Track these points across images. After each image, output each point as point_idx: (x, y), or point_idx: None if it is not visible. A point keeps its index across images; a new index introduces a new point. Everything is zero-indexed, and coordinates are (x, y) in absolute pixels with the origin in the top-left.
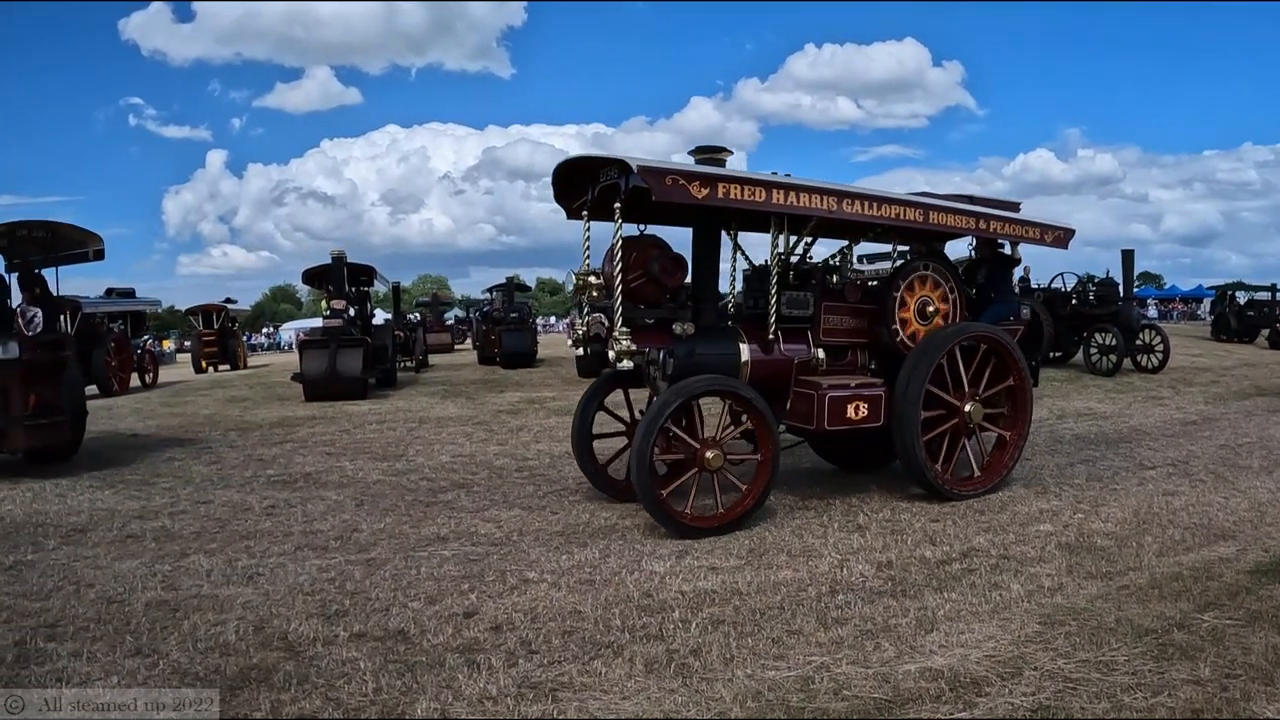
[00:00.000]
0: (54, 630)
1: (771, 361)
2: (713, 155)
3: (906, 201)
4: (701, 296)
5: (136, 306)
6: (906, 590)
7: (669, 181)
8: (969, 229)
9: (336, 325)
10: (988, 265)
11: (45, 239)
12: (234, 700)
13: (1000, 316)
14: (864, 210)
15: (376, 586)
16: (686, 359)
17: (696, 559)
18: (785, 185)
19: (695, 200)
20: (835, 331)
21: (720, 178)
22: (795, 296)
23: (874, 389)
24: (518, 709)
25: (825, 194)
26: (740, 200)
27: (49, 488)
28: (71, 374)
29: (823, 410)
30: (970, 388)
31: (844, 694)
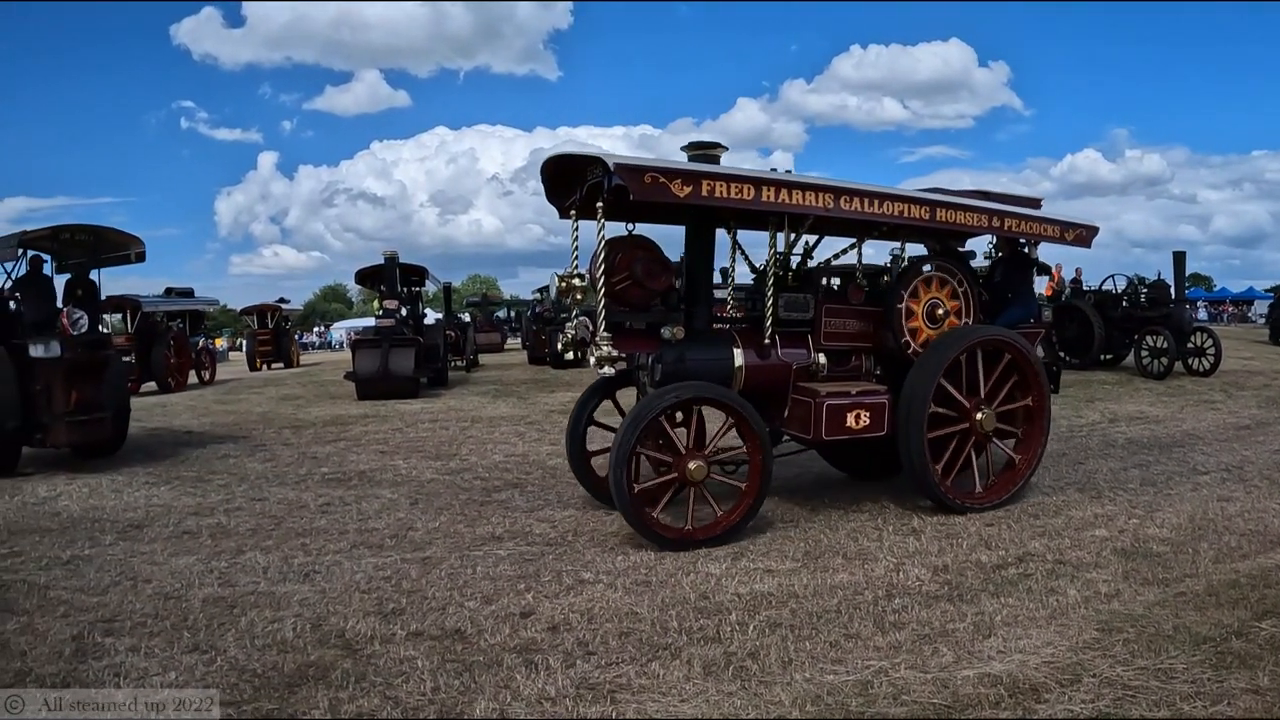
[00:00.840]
0: (111, 625)
1: (768, 367)
2: (706, 151)
3: (911, 198)
4: (694, 299)
5: (195, 306)
6: (963, 595)
7: (648, 179)
8: (980, 227)
9: (389, 325)
10: (1005, 265)
11: (88, 241)
12: (292, 697)
13: (1017, 319)
14: (864, 208)
15: (433, 585)
16: (675, 365)
17: (752, 561)
18: (776, 182)
19: (677, 199)
20: (838, 335)
21: (704, 174)
22: (794, 298)
23: (876, 396)
24: (576, 709)
25: (821, 191)
26: (727, 198)
27: (105, 483)
28: (114, 372)
29: (820, 419)
30: (985, 396)
31: (903, 699)
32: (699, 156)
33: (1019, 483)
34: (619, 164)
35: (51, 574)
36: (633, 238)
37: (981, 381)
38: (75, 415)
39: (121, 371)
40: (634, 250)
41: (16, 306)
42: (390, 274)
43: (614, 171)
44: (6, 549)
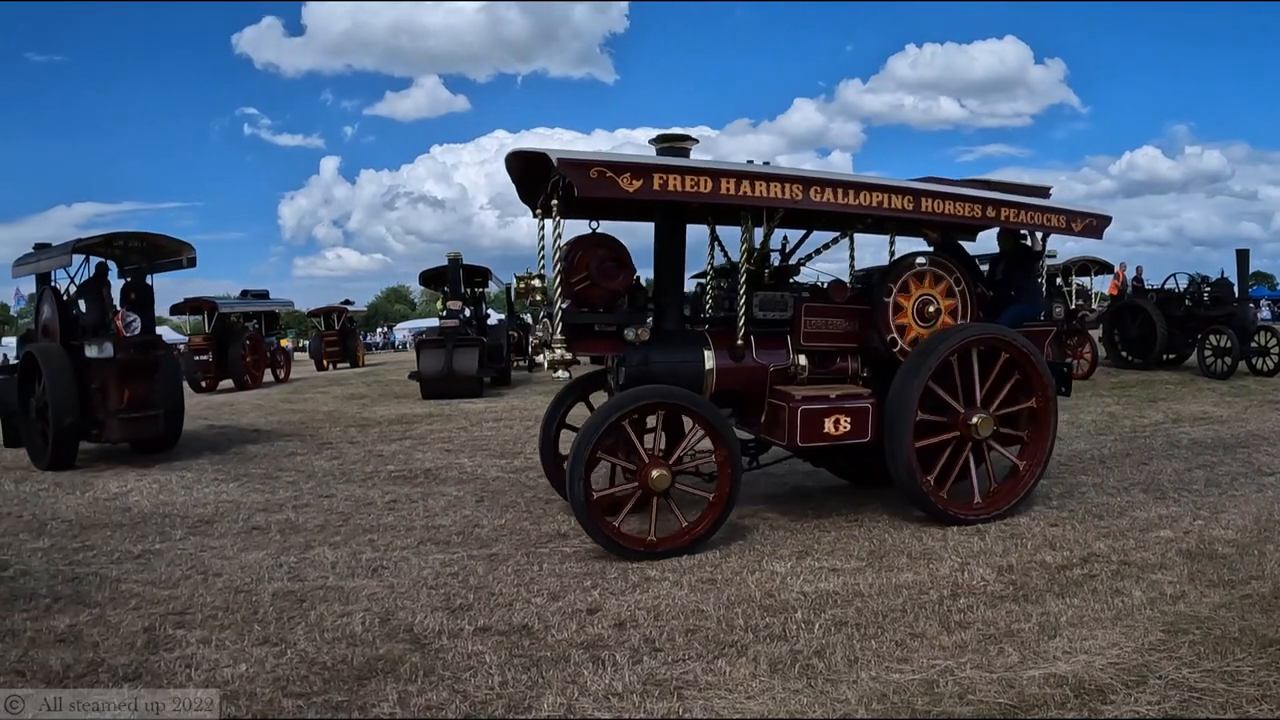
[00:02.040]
0: (183, 618)
1: (742, 370)
2: (674, 144)
3: (892, 187)
4: (664, 299)
5: (269, 307)
6: (1028, 595)
7: (594, 174)
8: (973, 217)
9: (453, 325)
10: (1007, 259)
11: (141, 248)
12: (361, 690)
13: (1021, 316)
14: (837, 199)
15: (499, 581)
16: (640, 367)
17: (817, 560)
18: (736, 173)
19: (627, 194)
20: (819, 336)
21: (656, 167)
22: (771, 297)
23: (858, 400)
24: (643, 706)
25: (789, 182)
26: (681, 192)
27: (175, 480)
28: (166, 372)
29: (794, 424)
30: (982, 399)
31: (969, 698)
32: (666, 150)
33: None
34: (563, 159)
35: (123, 568)
36: (595, 236)
37: (977, 383)
38: (128, 412)
39: (175, 371)
40: (594, 249)
41: (77, 309)
42: (454, 275)
43: (558, 167)
44: (79, 543)
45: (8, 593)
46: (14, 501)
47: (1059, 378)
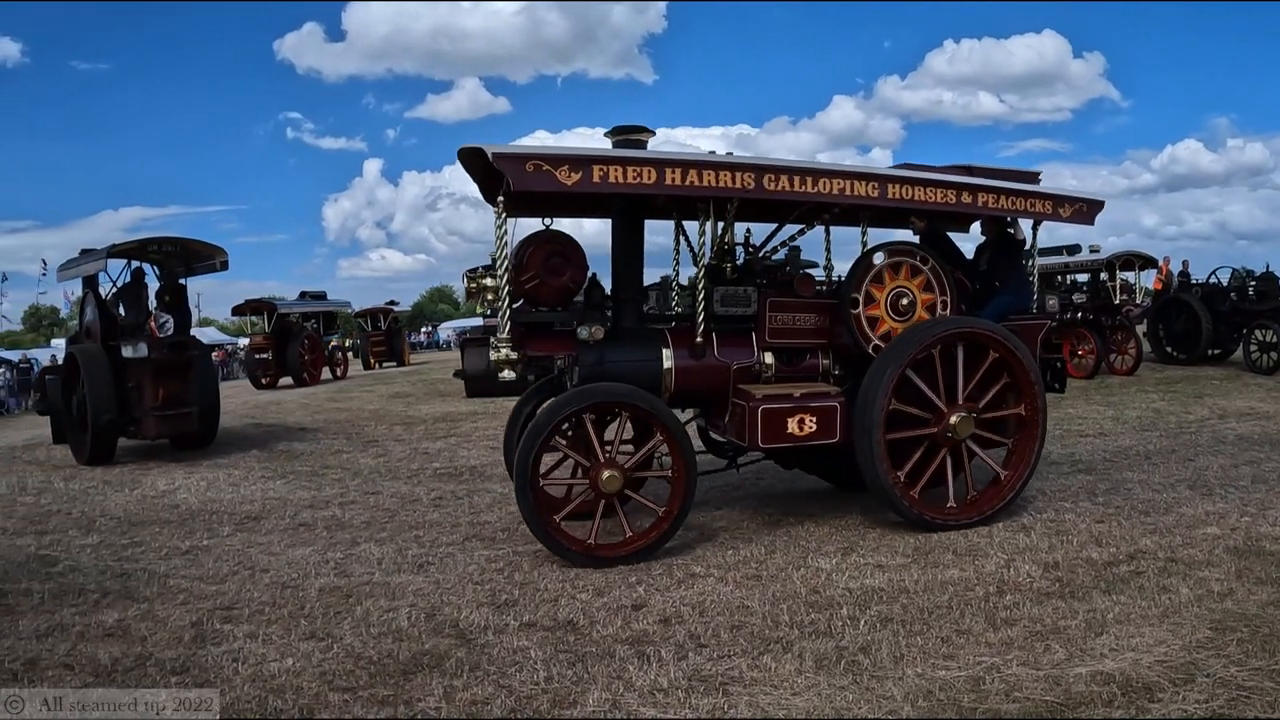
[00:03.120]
0: (230, 612)
1: (703, 368)
2: (630, 136)
3: (855, 174)
4: (622, 297)
5: (327, 308)
6: (1074, 592)
7: (530, 168)
8: (946, 203)
9: None
10: (992, 248)
11: (174, 252)
12: (407, 684)
13: (1007, 309)
14: (794, 187)
15: (544, 578)
16: (594, 367)
17: (862, 556)
18: (682, 163)
19: (565, 187)
20: (785, 332)
21: (595, 159)
22: (733, 292)
23: (825, 399)
24: (689, 701)
25: (739, 170)
26: (623, 184)
27: (222, 478)
28: (200, 371)
29: (755, 424)
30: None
31: (1015, 695)
32: (622, 142)
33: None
34: (498, 153)
35: (171, 563)
36: (544, 233)
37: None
38: (163, 409)
39: (209, 370)
40: (541, 246)
41: (117, 311)
42: None
43: (493, 161)
44: (128, 539)
45: (57, 588)
46: (63, 499)
47: (1052, 374)
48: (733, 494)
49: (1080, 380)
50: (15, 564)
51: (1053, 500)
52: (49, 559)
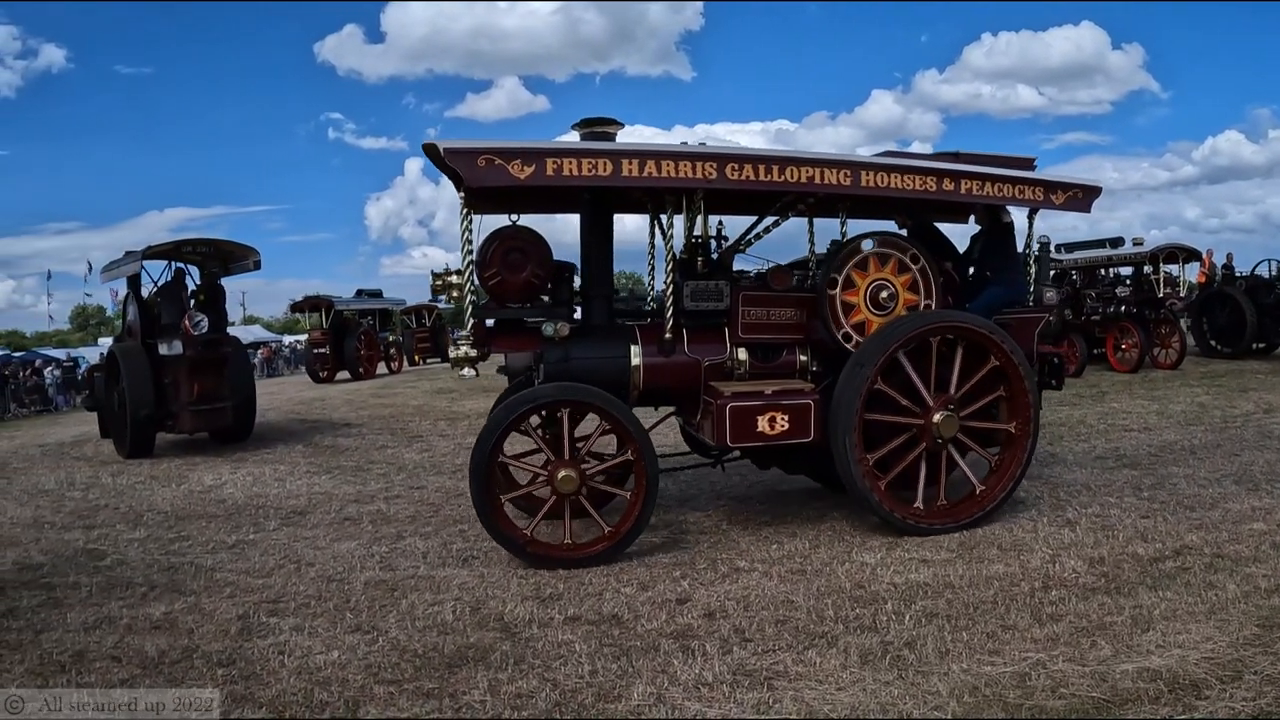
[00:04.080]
0: (276, 605)
1: (672, 366)
2: (596, 129)
3: (825, 161)
4: (590, 292)
5: (383, 305)
6: (1120, 588)
7: (483, 162)
8: (925, 191)
9: None
10: (985, 238)
11: (209, 253)
12: (452, 677)
13: (997, 301)
14: (758, 176)
15: (589, 571)
16: (559, 365)
17: (907, 551)
18: (640, 154)
19: (518, 181)
20: (759, 328)
21: (549, 152)
22: (703, 287)
23: (797, 397)
24: (734, 696)
25: (700, 160)
26: (578, 176)
27: (268, 473)
28: (234, 368)
29: (723, 422)
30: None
31: (1061, 691)
32: (590, 135)
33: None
34: (449, 148)
35: (218, 557)
36: (506, 229)
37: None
38: (198, 404)
39: (245, 367)
40: (501, 241)
41: (158, 311)
42: None
43: (445, 157)
44: (175, 534)
45: (105, 581)
46: (111, 493)
47: (1051, 370)
48: (776, 488)
49: (1124, 374)
50: (64, 558)
51: (1098, 495)
52: (97, 553)
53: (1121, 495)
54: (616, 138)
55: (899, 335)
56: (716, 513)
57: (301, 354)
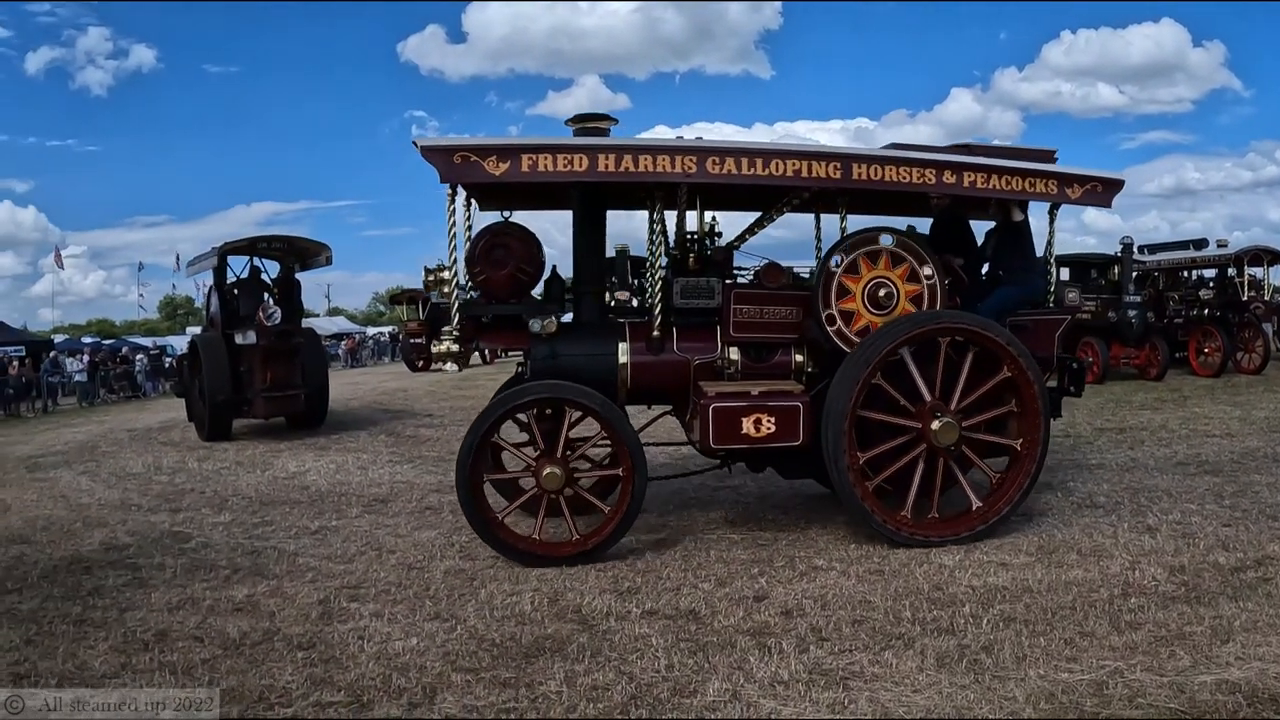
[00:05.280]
0: (356, 591)
1: (661, 364)
2: (588, 124)
3: (812, 153)
4: (582, 289)
5: None
6: (1200, 597)
7: (458, 159)
8: (923, 184)
9: None
10: (998, 235)
11: (282, 249)
12: (529, 667)
13: (1009, 302)
14: (740, 170)
15: (667, 566)
16: (546, 361)
17: (986, 554)
18: (616, 149)
19: (493, 178)
20: (751, 326)
21: (524, 148)
22: (693, 284)
23: (785, 399)
24: (809, 695)
25: (680, 154)
26: (554, 172)
27: (351, 461)
28: (308, 357)
29: (705, 423)
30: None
31: (1138, 701)
32: (581, 130)
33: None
34: (425, 145)
35: (300, 542)
36: (494, 225)
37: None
38: (271, 391)
39: (318, 356)
40: (488, 239)
41: (235, 302)
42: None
43: (422, 154)
44: (259, 518)
45: (189, 563)
46: (197, 478)
47: (1070, 376)
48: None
49: (1206, 379)
50: (150, 539)
51: (1179, 501)
52: (182, 535)
53: (1203, 502)
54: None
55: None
56: (794, 510)
57: (384, 345)
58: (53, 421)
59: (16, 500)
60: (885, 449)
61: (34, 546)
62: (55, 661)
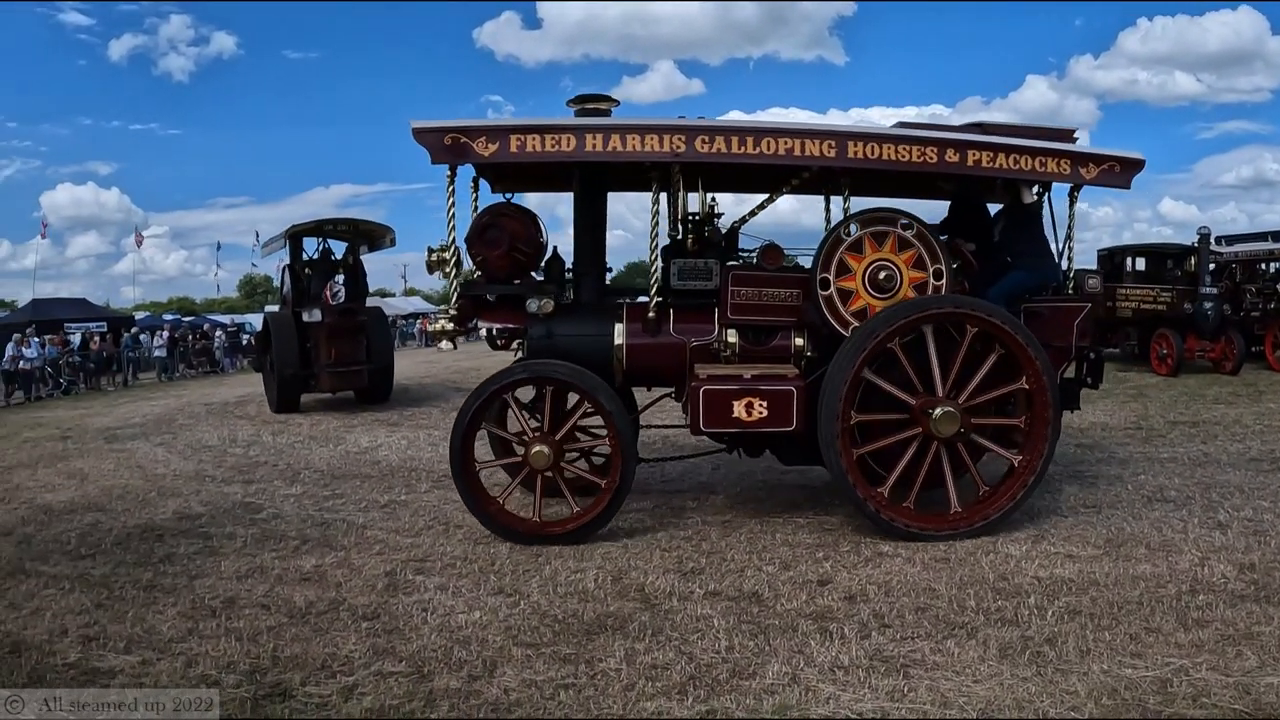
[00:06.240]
0: (422, 564)
1: (655, 346)
2: (589, 105)
3: (805, 131)
4: (581, 270)
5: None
6: (1270, 596)
7: (448, 141)
8: (925, 163)
9: None
10: (1007, 217)
11: (348, 231)
12: (590, 644)
13: (1019, 288)
14: (730, 149)
15: (732, 548)
16: (543, 341)
17: (1053, 545)
18: (604, 129)
19: (483, 159)
20: (749, 309)
21: (512, 129)
22: (691, 265)
23: (779, 382)
24: (869, 681)
25: (668, 133)
26: (542, 152)
27: (422, 437)
28: (371, 334)
29: (696, 406)
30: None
31: (1202, 701)
32: (582, 111)
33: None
34: (417, 127)
35: (369, 515)
36: (491, 207)
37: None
38: (335, 366)
39: (383, 334)
40: (486, 219)
41: (306, 282)
42: None
43: (414, 136)
44: (329, 491)
45: (260, 533)
46: (271, 451)
47: (1087, 368)
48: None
49: None
50: (222, 510)
51: (1251, 498)
52: (254, 506)
53: (1276, 500)
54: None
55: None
56: None
57: None
58: (132, 395)
59: (94, 469)
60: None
61: (109, 514)
62: (124, 625)
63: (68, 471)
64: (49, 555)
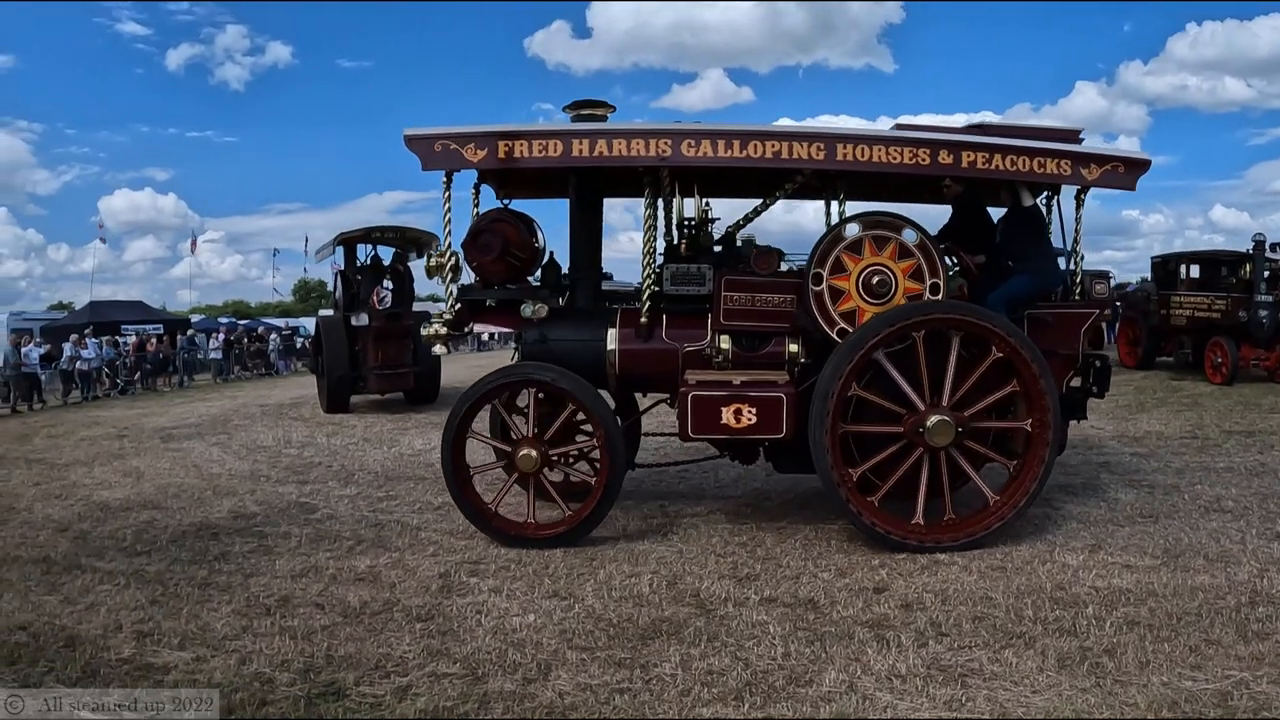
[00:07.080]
0: (477, 567)
1: (647, 351)
2: (584, 111)
3: (793, 135)
4: (577, 275)
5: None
6: None
7: (438, 148)
8: (918, 165)
9: None
10: (1005, 222)
11: (394, 238)
12: (645, 649)
13: (1020, 293)
14: (716, 152)
15: (787, 554)
16: (536, 345)
17: (1110, 555)
18: (589, 133)
19: (472, 165)
20: (742, 314)
21: (500, 135)
22: (684, 270)
23: (768, 389)
24: (926, 690)
25: (654, 138)
26: (530, 158)
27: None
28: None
29: (684, 412)
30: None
31: (1263, 715)
32: (578, 117)
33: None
34: (409, 134)
35: (424, 517)
36: (488, 213)
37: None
38: (382, 369)
39: None
40: (480, 224)
41: (356, 287)
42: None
43: (406, 143)
44: (383, 493)
45: (314, 533)
46: (325, 453)
47: (1093, 375)
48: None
49: None
50: (277, 509)
51: None
52: (309, 506)
53: None
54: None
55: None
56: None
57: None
58: (188, 396)
59: (150, 468)
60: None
61: (164, 512)
62: (179, 622)
63: (124, 470)
64: (105, 551)
